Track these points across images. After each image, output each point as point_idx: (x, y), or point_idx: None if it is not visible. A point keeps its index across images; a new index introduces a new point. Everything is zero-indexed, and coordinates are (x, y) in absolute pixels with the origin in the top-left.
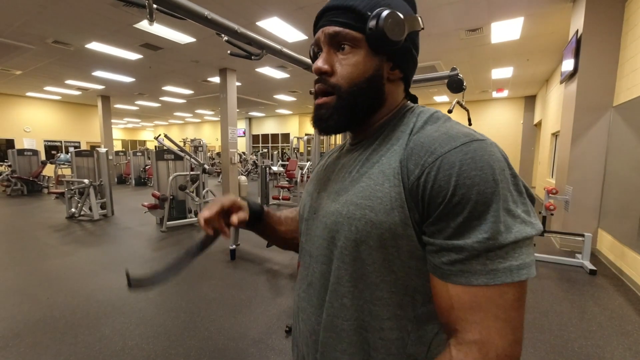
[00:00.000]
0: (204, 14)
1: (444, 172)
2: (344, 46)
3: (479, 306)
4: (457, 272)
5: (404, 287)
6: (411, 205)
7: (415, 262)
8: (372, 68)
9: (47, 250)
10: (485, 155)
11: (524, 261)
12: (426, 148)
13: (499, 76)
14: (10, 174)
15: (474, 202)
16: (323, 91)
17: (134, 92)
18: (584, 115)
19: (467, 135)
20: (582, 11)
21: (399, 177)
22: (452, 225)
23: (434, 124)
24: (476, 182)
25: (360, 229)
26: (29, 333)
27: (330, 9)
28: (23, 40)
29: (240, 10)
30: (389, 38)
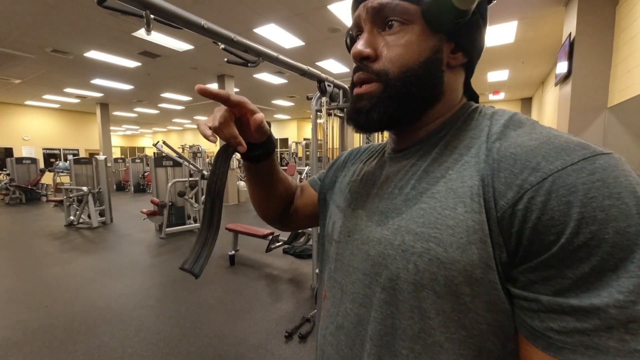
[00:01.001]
0: (200, 23)
1: (559, 198)
2: (392, 22)
3: None
4: (576, 346)
5: (478, 350)
6: (498, 241)
7: (495, 317)
8: (429, 49)
9: (45, 258)
10: (622, 177)
11: None
12: (523, 162)
13: (495, 79)
14: (9, 182)
15: (611, 246)
16: (365, 80)
17: (133, 99)
18: (579, 116)
19: (585, 147)
20: (574, 15)
21: (479, 201)
22: (569, 275)
23: (519, 129)
24: (614, 215)
25: (421, 269)
26: (27, 341)
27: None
28: (22, 49)
29: (237, 17)
30: (456, 7)
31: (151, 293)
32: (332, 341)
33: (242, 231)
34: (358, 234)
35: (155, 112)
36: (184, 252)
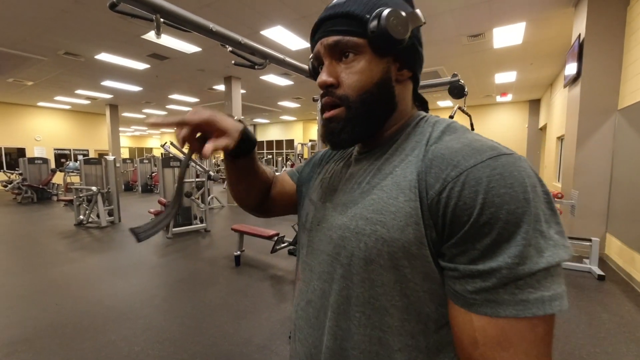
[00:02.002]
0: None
1: (470, 188)
2: (347, 54)
3: (507, 341)
4: (482, 301)
5: (417, 314)
6: (429, 223)
7: (430, 285)
8: (380, 72)
9: (55, 257)
10: (515, 171)
11: (556, 291)
12: (448, 160)
13: (503, 80)
14: (21, 182)
15: (504, 222)
16: (331, 104)
17: (142, 100)
18: (589, 118)
19: (494, 149)
20: (584, 15)
21: (415, 191)
22: (477, 247)
23: (452, 134)
24: (506, 200)
25: (370, 246)
26: (37, 338)
27: (326, 18)
28: (35, 52)
29: (245, 20)
30: (394, 37)
31: (158, 292)
32: (302, 315)
33: (248, 232)
34: (325, 223)
35: (163, 113)
36: (190, 252)
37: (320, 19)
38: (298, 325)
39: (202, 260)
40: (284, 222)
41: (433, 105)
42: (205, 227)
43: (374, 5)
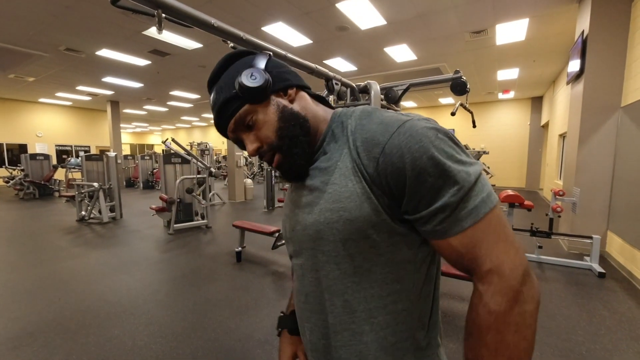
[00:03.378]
0: (210, 22)
1: (394, 155)
2: (248, 121)
3: (478, 241)
4: (449, 226)
5: (395, 263)
6: (378, 193)
7: (397, 239)
8: (274, 110)
9: (58, 253)
10: (419, 129)
11: (489, 190)
12: (371, 141)
13: (505, 77)
14: (23, 177)
15: (430, 166)
16: (270, 158)
17: (143, 97)
18: (591, 116)
19: (398, 120)
20: (587, 12)
21: (358, 174)
22: (425, 193)
23: (367, 118)
24: (422, 151)
25: (340, 230)
26: (42, 332)
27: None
28: (37, 48)
29: (246, 16)
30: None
31: (160, 288)
32: (306, 307)
33: (249, 228)
34: (299, 225)
35: (164, 110)
36: (191, 249)
37: (215, 120)
38: (304, 317)
39: (203, 257)
40: None
41: (435, 102)
42: (206, 224)
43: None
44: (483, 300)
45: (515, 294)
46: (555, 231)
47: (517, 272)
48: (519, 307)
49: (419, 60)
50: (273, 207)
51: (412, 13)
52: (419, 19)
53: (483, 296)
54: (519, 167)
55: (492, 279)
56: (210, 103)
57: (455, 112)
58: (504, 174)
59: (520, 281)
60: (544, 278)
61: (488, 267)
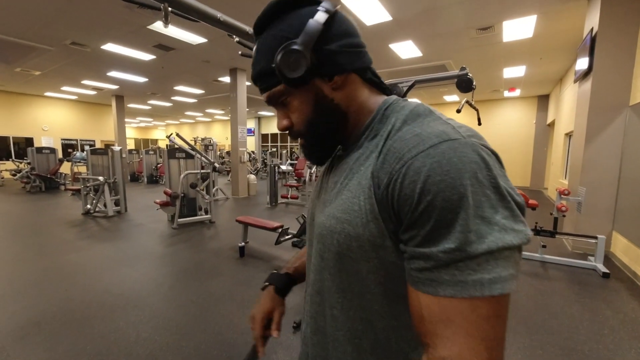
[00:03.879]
0: (216, 16)
1: (409, 179)
2: (282, 100)
3: (449, 320)
4: (424, 280)
5: (395, 297)
6: (385, 216)
7: (400, 271)
8: (312, 98)
9: (64, 245)
10: (454, 158)
11: (499, 274)
12: (396, 154)
13: (511, 75)
14: (30, 171)
15: (440, 210)
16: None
17: (147, 91)
18: (599, 114)
19: (439, 136)
20: (597, 9)
21: (371, 189)
22: (420, 233)
23: (412, 123)
24: (442, 188)
25: (341, 242)
26: (47, 323)
27: (254, 79)
28: (43, 42)
29: (250, 11)
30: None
31: (164, 281)
32: (308, 300)
33: (252, 223)
34: (314, 219)
35: (168, 105)
36: (195, 243)
37: (252, 78)
38: (305, 309)
39: (207, 251)
40: (288, 215)
41: (439, 100)
42: (210, 218)
43: (273, 50)
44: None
45: None
46: (559, 230)
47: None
48: None
49: (424, 56)
50: (276, 202)
51: (417, 9)
52: (425, 15)
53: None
54: (523, 166)
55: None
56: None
57: (461, 109)
58: (508, 172)
59: None
60: (547, 277)
61: (444, 354)
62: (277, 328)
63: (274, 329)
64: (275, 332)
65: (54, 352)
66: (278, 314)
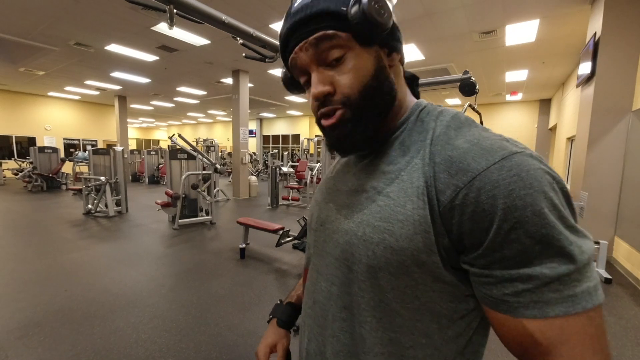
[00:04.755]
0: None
1: (487, 193)
2: (334, 57)
3: (567, 340)
4: (528, 303)
5: (429, 313)
6: (440, 231)
7: (440, 286)
8: (372, 63)
9: (65, 245)
10: (532, 171)
11: (595, 281)
12: (457, 164)
13: (513, 79)
14: (32, 170)
15: (531, 224)
16: (331, 112)
17: (150, 92)
18: (601, 119)
19: (504, 148)
20: (600, 13)
21: (424, 199)
22: (509, 254)
23: (458, 130)
24: (529, 202)
25: (378, 255)
26: (48, 322)
27: (298, 23)
28: (47, 42)
29: (253, 13)
30: (380, 23)
31: (164, 282)
32: (311, 314)
33: (253, 225)
34: (330, 224)
35: (170, 106)
36: (195, 244)
37: (291, 26)
38: (307, 323)
39: (207, 252)
40: (289, 217)
41: (441, 103)
42: (210, 220)
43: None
44: None
45: None
46: None
47: None
48: None
49: (427, 60)
50: (277, 204)
51: (420, 12)
52: (428, 18)
53: None
54: None
55: None
56: (295, 4)
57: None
58: None
59: None
60: None
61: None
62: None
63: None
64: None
65: (53, 351)
66: (281, 347)
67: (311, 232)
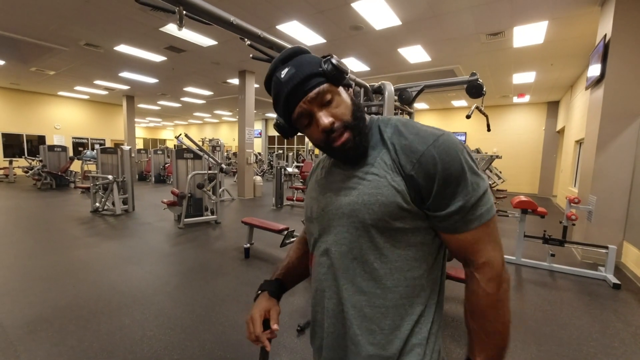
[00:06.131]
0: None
1: (429, 162)
2: (327, 98)
3: (479, 240)
4: (460, 225)
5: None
6: (409, 189)
7: (420, 223)
8: (347, 96)
9: (72, 242)
10: (452, 145)
11: (490, 203)
12: (410, 148)
13: (521, 81)
14: (41, 168)
15: (455, 177)
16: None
17: (157, 92)
18: (611, 122)
19: (434, 134)
20: (610, 15)
21: (395, 170)
22: (447, 196)
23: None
24: (452, 164)
25: (376, 210)
26: (56, 318)
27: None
28: (58, 42)
29: (261, 14)
30: (345, 70)
31: (169, 280)
32: (327, 278)
33: (258, 225)
34: (331, 206)
35: (177, 106)
36: (200, 243)
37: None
38: (324, 287)
39: (212, 251)
40: (294, 217)
41: (447, 105)
42: (215, 219)
43: (314, 62)
44: (481, 285)
45: (500, 280)
46: (568, 239)
47: (501, 264)
48: (502, 288)
49: (433, 61)
50: (282, 204)
51: (427, 14)
52: (435, 20)
53: (480, 282)
54: (531, 173)
55: (486, 269)
56: (282, 76)
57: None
58: (516, 179)
59: (502, 270)
60: (555, 287)
61: (484, 259)
62: (276, 322)
63: (273, 323)
64: (274, 325)
65: (61, 347)
66: (275, 311)
67: (313, 221)
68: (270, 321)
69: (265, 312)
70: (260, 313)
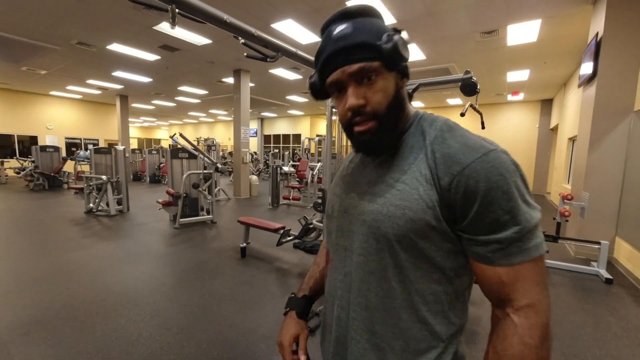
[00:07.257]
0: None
1: (473, 178)
2: (370, 76)
3: (524, 278)
4: (500, 257)
5: (441, 269)
6: (443, 204)
7: (448, 245)
8: (394, 85)
9: (66, 243)
10: (503, 162)
11: (541, 238)
12: (452, 158)
13: (515, 79)
14: (34, 169)
15: (501, 200)
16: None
17: (151, 92)
18: (603, 119)
19: (483, 147)
20: (602, 13)
21: (431, 182)
22: (487, 222)
23: (450, 132)
24: (500, 185)
25: (401, 225)
26: (50, 320)
27: (342, 49)
28: (49, 41)
29: (255, 12)
30: (404, 56)
31: (165, 281)
32: (342, 286)
33: (254, 224)
34: (353, 210)
35: (172, 105)
36: (196, 243)
37: (337, 49)
38: (337, 295)
39: (208, 251)
40: (290, 216)
41: (442, 103)
42: (211, 219)
43: (377, 31)
44: (518, 332)
45: (546, 331)
46: (562, 236)
47: (549, 313)
48: (547, 342)
49: (428, 60)
50: (278, 204)
51: (422, 12)
52: (429, 18)
53: (518, 328)
54: (526, 170)
55: (530, 313)
56: (336, 31)
57: (465, 112)
58: None
59: (549, 321)
60: (549, 282)
61: (527, 302)
62: (304, 353)
63: (302, 354)
64: (303, 356)
65: (56, 349)
66: (303, 338)
67: (332, 220)
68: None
69: (294, 337)
70: (289, 341)
